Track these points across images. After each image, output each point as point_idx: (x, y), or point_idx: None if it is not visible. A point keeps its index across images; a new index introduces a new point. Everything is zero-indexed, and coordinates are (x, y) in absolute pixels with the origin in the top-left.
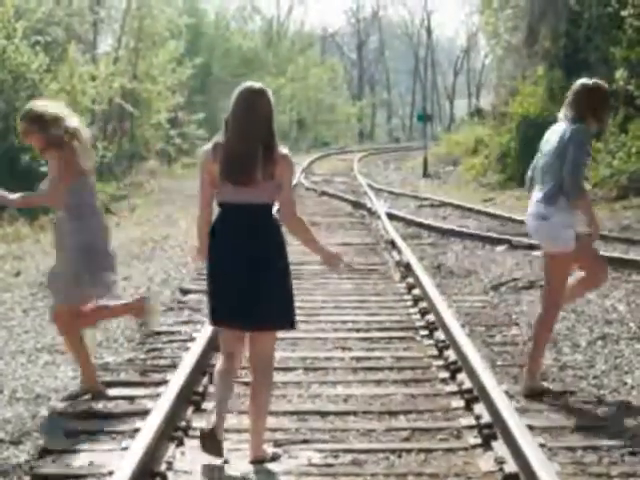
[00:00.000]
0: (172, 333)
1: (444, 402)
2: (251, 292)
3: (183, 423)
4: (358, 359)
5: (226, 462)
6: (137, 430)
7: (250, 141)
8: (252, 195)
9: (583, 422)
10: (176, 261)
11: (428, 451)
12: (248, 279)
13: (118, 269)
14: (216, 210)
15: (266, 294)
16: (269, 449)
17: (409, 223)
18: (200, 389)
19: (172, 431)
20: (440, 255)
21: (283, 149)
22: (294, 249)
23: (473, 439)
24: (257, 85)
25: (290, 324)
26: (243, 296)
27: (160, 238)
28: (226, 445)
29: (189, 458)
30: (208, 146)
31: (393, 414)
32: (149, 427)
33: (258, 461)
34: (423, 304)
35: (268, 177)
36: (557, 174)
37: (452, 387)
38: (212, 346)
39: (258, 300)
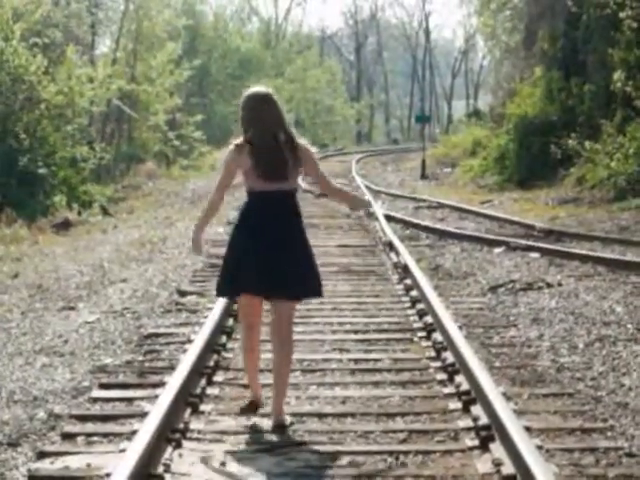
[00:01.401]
0: (170, 335)
1: (442, 404)
2: (280, 265)
3: (181, 425)
4: (356, 361)
5: (223, 464)
6: (135, 432)
7: (273, 136)
8: (282, 184)
9: (581, 424)
10: (174, 263)
11: (426, 453)
12: (277, 254)
13: (117, 271)
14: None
15: (294, 266)
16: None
17: (407, 225)
18: (198, 391)
19: (170, 433)
20: (438, 257)
21: (300, 139)
22: None
23: (470, 441)
24: (264, 88)
25: (319, 292)
26: (273, 269)
27: (158, 240)
28: (223, 447)
29: (187, 460)
30: (232, 146)
31: (391, 416)
32: (147, 429)
33: (278, 424)
34: (421, 306)
35: (296, 167)
36: None
37: (450, 389)
38: (210, 348)
39: (287, 272)
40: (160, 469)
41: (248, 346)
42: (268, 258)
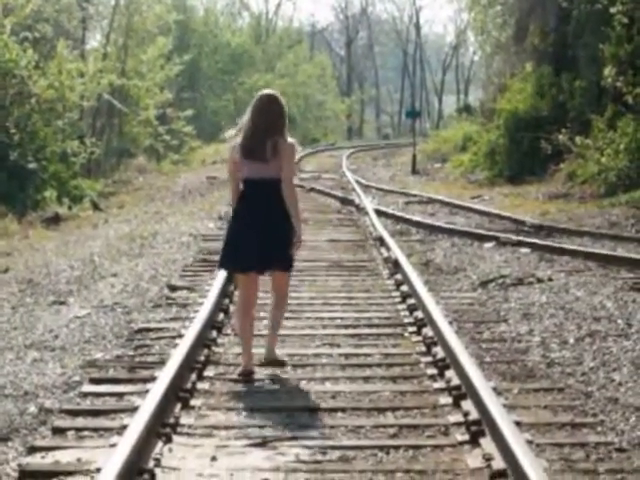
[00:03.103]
0: (160, 330)
1: (432, 399)
2: (266, 244)
3: (171, 420)
4: (346, 356)
5: (214, 459)
6: (125, 427)
7: (259, 132)
8: (264, 171)
9: (571, 418)
10: (164, 258)
11: (416, 448)
12: (264, 236)
13: (107, 265)
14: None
15: (277, 245)
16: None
17: (397, 220)
18: (188, 385)
19: (160, 428)
20: (428, 252)
21: (290, 138)
22: None
23: (461, 436)
24: (271, 92)
25: (290, 267)
26: (261, 248)
27: (148, 235)
28: (214, 442)
29: (177, 455)
30: (231, 144)
31: (381, 411)
32: (137, 424)
33: (270, 361)
34: (411, 301)
35: (274, 156)
36: None
37: (440, 384)
38: (200, 343)
39: (272, 251)
40: (151, 464)
41: (244, 318)
42: (255, 239)
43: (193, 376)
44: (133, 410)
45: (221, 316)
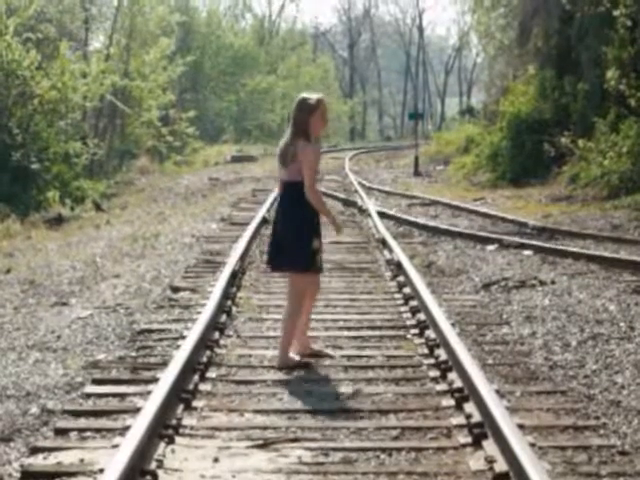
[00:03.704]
0: (163, 331)
1: (434, 401)
2: (281, 245)
3: (174, 421)
4: (349, 357)
5: (216, 460)
6: (127, 428)
7: (289, 135)
8: (284, 175)
9: (573, 421)
10: (167, 259)
11: (418, 450)
12: (281, 236)
13: (109, 266)
14: None
15: (288, 247)
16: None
17: (400, 222)
18: (191, 387)
19: (162, 429)
20: (431, 254)
21: (308, 143)
22: None
23: (463, 438)
24: (303, 94)
25: (306, 268)
26: (279, 247)
27: (151, 236)
28: (216, 443)
29: (180, 456)
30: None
31: (383, 413)
32: (139, 425)
33: (282, 366)
34: (414, 303)
35: (292, 160)
36: None
37: (443, 386)
38: (203, 344)
39: (284, 251)
40: (153, 465)
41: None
42: (277, 238)
43: (195, 377)
44: (135, 411)
45: (223, 317)
